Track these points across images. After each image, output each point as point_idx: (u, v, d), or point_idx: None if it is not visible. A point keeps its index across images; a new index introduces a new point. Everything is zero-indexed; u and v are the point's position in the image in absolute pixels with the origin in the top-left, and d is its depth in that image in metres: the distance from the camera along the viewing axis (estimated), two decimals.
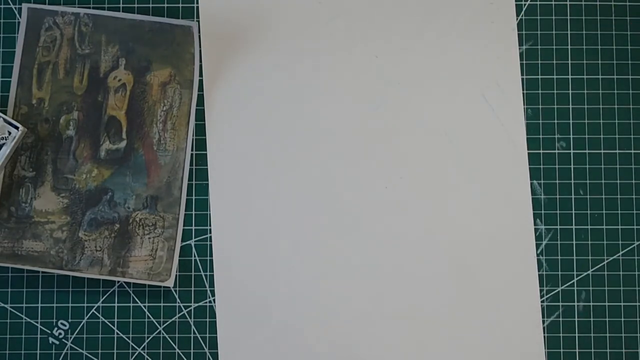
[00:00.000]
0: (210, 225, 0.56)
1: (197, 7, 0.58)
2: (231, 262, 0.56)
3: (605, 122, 0.57)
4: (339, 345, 0.55)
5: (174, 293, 0.56)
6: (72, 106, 0.56)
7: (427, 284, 0.56)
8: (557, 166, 0.57)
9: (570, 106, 0.57)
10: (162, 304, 0.56)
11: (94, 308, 0.56)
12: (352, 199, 0.56)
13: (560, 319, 0.56)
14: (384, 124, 0.57)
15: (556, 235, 0.57)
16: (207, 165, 0.57)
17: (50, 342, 0.56)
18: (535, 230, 0.56)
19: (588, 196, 0.57)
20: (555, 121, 0.57)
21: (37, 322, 0.56)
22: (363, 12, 0.58)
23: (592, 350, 0.56)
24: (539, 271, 0.56)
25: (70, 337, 0.56)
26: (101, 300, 0.56)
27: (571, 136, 0.57)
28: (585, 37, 0.58)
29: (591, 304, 0.56)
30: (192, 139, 0.57)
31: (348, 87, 0.57)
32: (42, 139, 0.56)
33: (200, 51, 0.56)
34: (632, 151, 0.57)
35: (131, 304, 0.56)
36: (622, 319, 0.56)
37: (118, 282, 0.56)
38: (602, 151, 0.57)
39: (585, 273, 0.56)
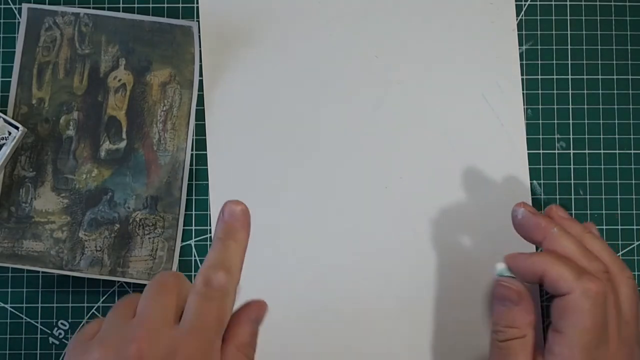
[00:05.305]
0: (210, 225, 0.56)
1: (197, 7, 0.58)
2: None
3: (605, 122, 0.57)
4: (338, 345, 0.55)
5: None
6: (72, 106, 0.56)
7: (427, 283, 0.56)
8: (557, 166, 0.57)
9: (570, 106, 0.57)
10: None
11: (94, 308, 0.56)
12: (351, 199, 0.56)
13: None
14: (383, 124, 0.57)
15: None
16: (207, 165, 0.57)
17: (50, 342, 0.56)
18: None
19: (588, 196, 0.57)
20: (555, 121, 0.57)
21: (37, 322, 0.56)
22: (363, 12, 0.58)
23: None
24: None
25: (70, 337, 0.56)
26: (101, 300, 0.56)
27: (571, 136, 0.57)
28: (585, 37, 0.58)
29: None
30: (192, 139, 0.57)
31: (348, 87, 0.57)
32: (42, 139, 0.56)
33: (200, 51, 0.56)
34: (632, 151, 0.57)
35: None
36: None
37: (118, 282, 0.56)
38: (602, 151, 0.57)
39: None
